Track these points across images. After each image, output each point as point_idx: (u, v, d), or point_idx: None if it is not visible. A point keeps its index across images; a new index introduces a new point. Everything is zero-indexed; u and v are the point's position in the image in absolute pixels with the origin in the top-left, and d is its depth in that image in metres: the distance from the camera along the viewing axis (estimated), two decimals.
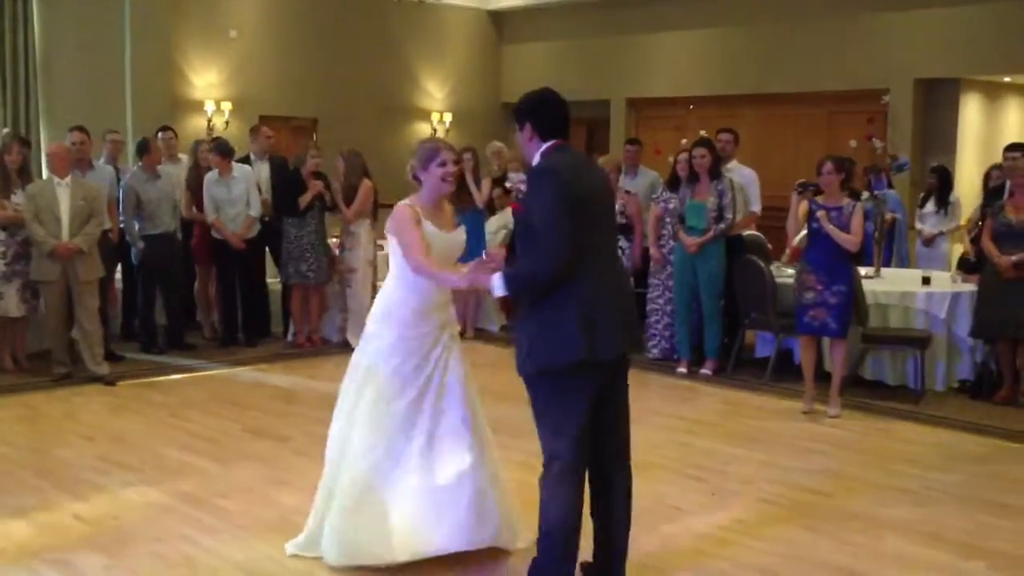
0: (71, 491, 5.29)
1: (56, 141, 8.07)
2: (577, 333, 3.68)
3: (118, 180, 8.74)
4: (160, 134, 9.40)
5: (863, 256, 7.88)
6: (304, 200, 8.72)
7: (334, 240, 9.15)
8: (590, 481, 3.96)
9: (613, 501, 4.00)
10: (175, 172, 9.16)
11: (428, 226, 4.25)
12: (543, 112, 3.92)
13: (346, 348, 8.59)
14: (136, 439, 6.28)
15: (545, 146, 3.89)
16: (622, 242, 8.67)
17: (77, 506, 5.08)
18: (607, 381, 3.85)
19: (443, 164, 4.29)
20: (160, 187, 8.63)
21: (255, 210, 8.95)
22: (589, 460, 3.90)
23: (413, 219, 4.24)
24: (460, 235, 4.44)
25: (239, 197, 8.86)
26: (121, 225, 8.64)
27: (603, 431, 3.92)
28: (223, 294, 9.17)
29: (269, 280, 9.43)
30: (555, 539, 3.81)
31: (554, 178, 3.73)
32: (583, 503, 3.86)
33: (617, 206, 8.63)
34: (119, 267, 8.91)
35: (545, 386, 3.79)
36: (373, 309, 4.43)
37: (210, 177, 8.88)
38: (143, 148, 8.66)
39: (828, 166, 7.01)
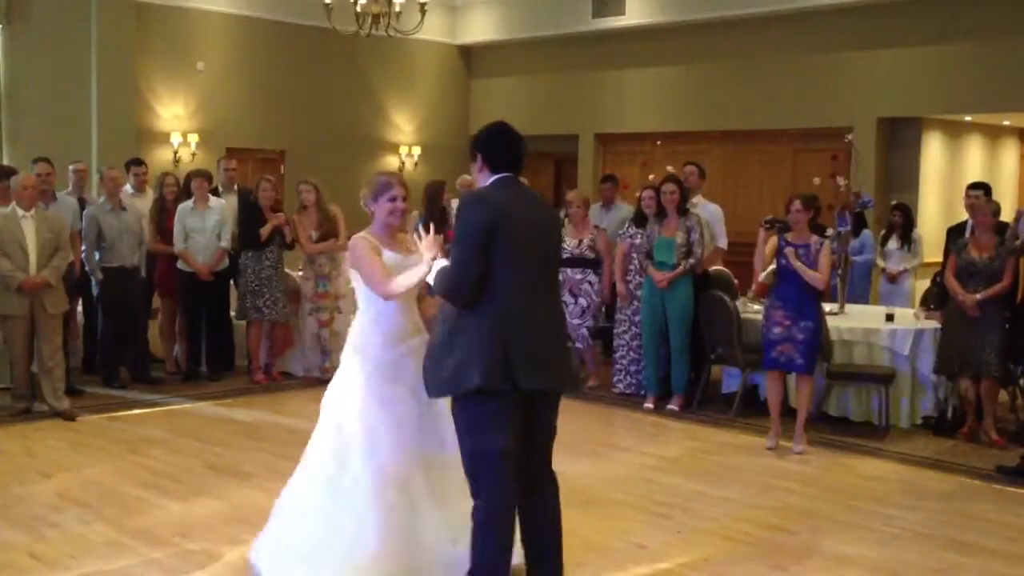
0: (28, 529, 5.19)
1: (21, 172, 7.93)
2: (495, 362, 3.72)
3: (82, 211, 8.63)
4: (132, 167, 9.34)
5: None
6: (265, 232, 8.66)
7: (299, 273, 9.08)
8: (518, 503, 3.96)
9: (540, 518, 4.00)
10: (143, 205, 9.08)
11: (387, 254, 4.29)
12: (495, 145, 3.97)
13: (310, 383, 8.55)
14: (95, 476, 6.17)
15: (493, 179, 3.93)
16: (591, 276, 8.70)
17: (33, 545, 4.97)
18: (528, 410, 3.86)
19: (393, 199, 4.34)
20: (124, 220, 8.54)
21: (226, 242, 8.87)
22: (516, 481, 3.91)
23: (371, 249, 4.27)
24: (419, 258, 4.44)
25: (211, 228, 8.79)
26: (83, 256, 8.53)
27: (531, 455, 3.94)
28: (188, 327, 9.06)
29: (233, 313, 9.34)
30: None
31: (479, 206, 3.79)
32: (513, 537, 3.85)
33: (586, 240, 8.72)
34: (80, 300, 8.79)
35: (466, 408, 3.83)
36: (347, 344, 4.43)
37: (185, 206, 8.79)
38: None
39: (796, 204, 7.08)
